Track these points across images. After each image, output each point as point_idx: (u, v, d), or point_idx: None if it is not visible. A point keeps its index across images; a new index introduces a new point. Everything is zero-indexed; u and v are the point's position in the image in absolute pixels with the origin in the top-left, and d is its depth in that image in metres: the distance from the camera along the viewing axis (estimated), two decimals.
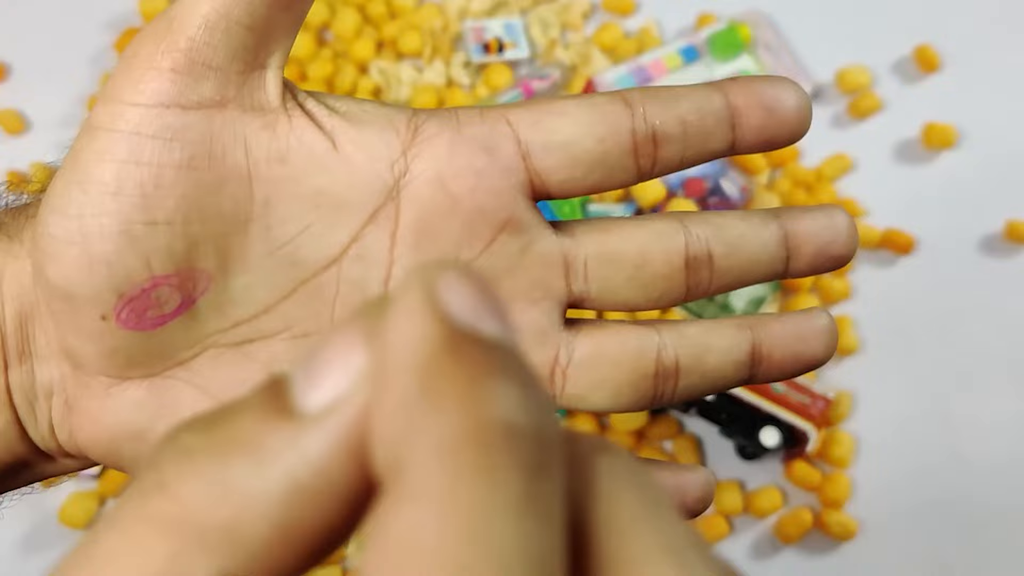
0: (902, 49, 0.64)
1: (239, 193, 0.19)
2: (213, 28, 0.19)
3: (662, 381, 0.21)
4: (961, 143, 0.61)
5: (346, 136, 0.20)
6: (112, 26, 0.67)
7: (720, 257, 0.21)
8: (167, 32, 0.19)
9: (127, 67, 0.19)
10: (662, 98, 0.21)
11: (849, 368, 0.55)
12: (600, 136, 0.20)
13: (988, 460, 0.52)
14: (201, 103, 0.19)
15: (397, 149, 0.20)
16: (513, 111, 0.20)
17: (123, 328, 0.19)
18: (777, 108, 0.21)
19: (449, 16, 0.65)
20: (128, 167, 0.18)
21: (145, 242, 0.19)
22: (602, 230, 0.21)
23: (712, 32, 0.63)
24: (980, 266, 0.57)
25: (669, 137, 0.20)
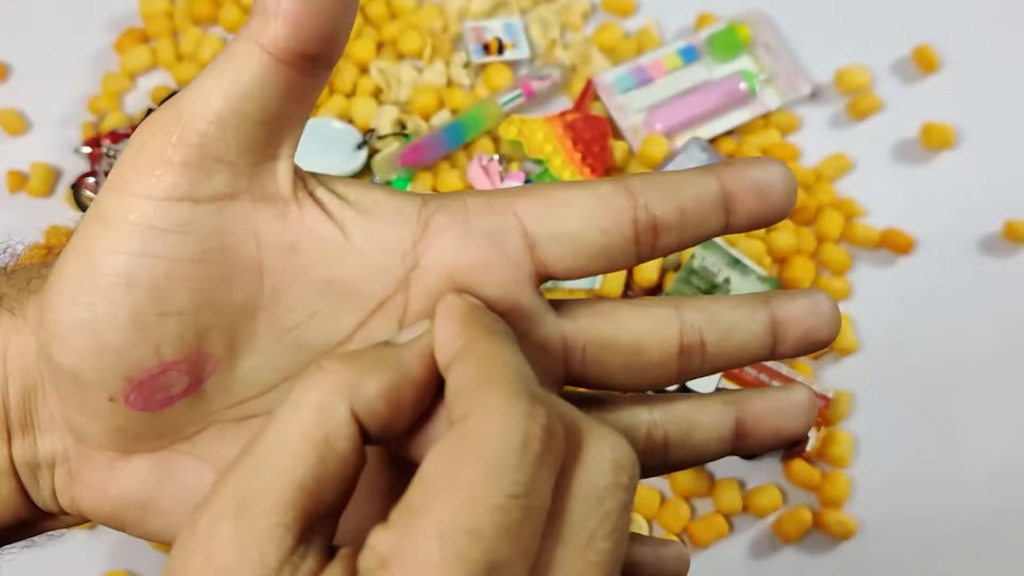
0: (901, 49, 0.64)
1: (250, 284, 0.20)
2: (226, 123, 0.19)
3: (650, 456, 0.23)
4: (960, 143, 0.61)
5: (357, 227, 0.20)
6: (112, 26, 0.67)
7: (712, 344, 0.22)
8: (178, 125, 0.19)
9: (137, 158, 0.19)
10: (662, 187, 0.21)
11: (848, 368, 0.55)
12: (604, 228, 0.21)
13: (987, 459, 0.53)
14: (213, 196, 0.19)
15: (408, 242, 0.20)
16: (521, 201, 0.21)
17: (130, 410, 0.19)
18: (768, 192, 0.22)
19: (449, 16, 0.65)
20: (140, 260, 0.19)
21: (156, 331, 0.19)
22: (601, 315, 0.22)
23: (712, 32, 0.63)
24: (979, 266, 0.58)
25: (669, 225, 0.21)
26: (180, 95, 0.19)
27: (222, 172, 0.19)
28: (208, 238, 0.19)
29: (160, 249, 0.19)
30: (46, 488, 0.21)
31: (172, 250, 0.19)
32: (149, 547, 0.52)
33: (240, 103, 0.19)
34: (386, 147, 0.60)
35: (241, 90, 0.19)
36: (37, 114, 0.65)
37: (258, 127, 0.19)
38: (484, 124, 0.60)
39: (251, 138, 0.19)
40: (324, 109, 0.62)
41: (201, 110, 0.19)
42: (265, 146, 0.20)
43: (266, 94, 0.19)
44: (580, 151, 0.58)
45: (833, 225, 0.57)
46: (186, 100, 0.19)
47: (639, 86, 0.62)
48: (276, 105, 0.19)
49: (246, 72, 0.19)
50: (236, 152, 0.19)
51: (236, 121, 0.19)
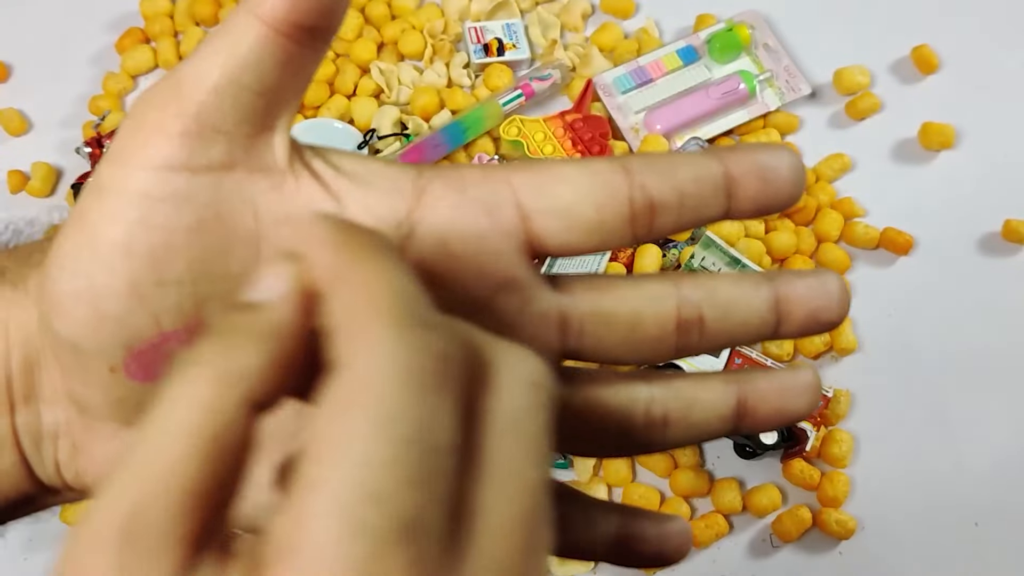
0: (900, 50, 0.64)
1: (247, 254, 0.20)
2: (223, 94, 0.19)
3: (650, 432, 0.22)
4: (959, 143, 0.61)
5: (352, 198, 0.20)
6: (113, 26, 0.67)
7: (711, 320, 0.22)
8: (176, 96, 0.19)
9: (135, 130, 0.19)
10: (661, 167, 0.21)
11: (848, 367, 0.55)
12: (599, 204, 0.21)
13: (986, 459, 0.53)
14: (210, 166, 0.19)
15: (402, 211, 0.20)
16: (516, 174, 0.21)
17: (131, 380, 0.19)
18: (773, 178, 0.21)
19: (449, 17, 0.65)
20: (139, 229, 0.19)
21: (154, 301, 0.19)
22: (598, 289, 0.22)
23: (711, 33, 0.63)
24: (979, 266, 0.58)
25: (666, 206, 0.21)
26: (178, 67, 0.19)
27: (219, 143, 0.19)
28: (205, 208, 0.19)
29: (158, 219, 0.19)
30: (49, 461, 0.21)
31: (170, 220, 0.19)
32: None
33: (237, 74, 0.19)
34: (387, 147, 0.60)
35: (238, 61, 0.19)
36: (38, 114, 0.65)
37: (255, 98, 0.19)
38: (484, 124, 0.60)
39: (248, 109, 0.19)
40: (325, 110, 0.62)
41: (199, 81, 0.19)
42: (262, 117, 0.20)
43: (263, 66, 0.19)
44: (580, 151, 0.58)
45: (832, 225, 0.58)
46: (184, 72, 0.19)
47: (639, 86, 0.62)
48: (273, 77, 0.19)
49: (243, 44, 0.19)
50: (233, 123, 0.19)
51: (233, 92, 0.19)
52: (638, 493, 0.52)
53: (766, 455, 0.52)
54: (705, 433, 0.22)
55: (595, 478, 0.53)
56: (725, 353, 0.51)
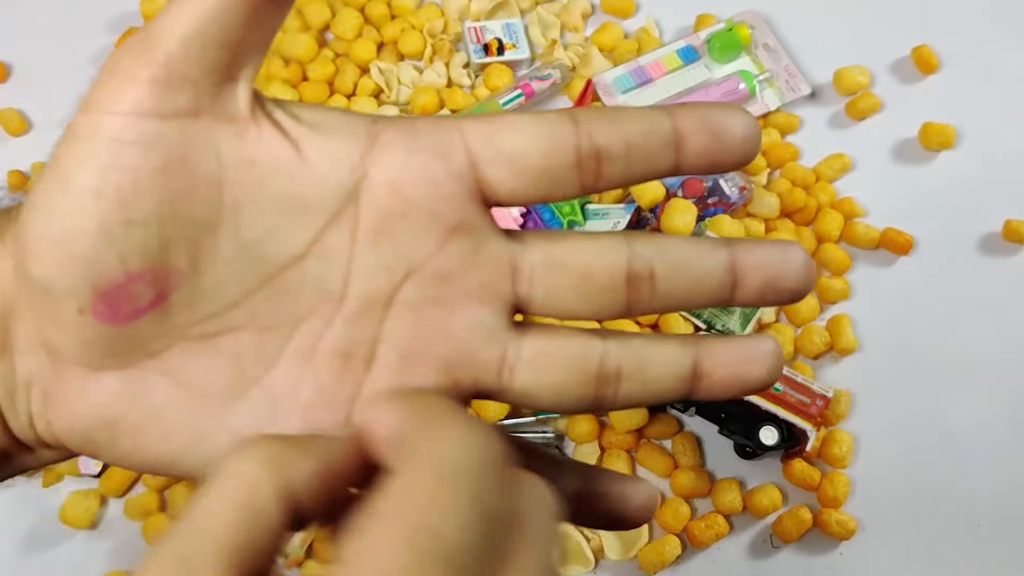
0: (900, 50, 0.64)
1: (210, 197, 0.21)
2: (189, 44, 0.20)
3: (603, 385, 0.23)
4: (959, 143, 0.61)
5: (310, 143, 0.21)
6: (113, 27, 0.67)
7: (662, 277, 0.22)
8: (145, 47, 0.20)
9: (107, 78, 0.20)
10: (609, 119, 0.22)
11: (848, 367, 0.55)
12: (546, 150, 0.22)
13: (987, 459, 0.53)
14: (177, 113, 0.20)
15: (356, 155, 0.22)
16: (467, 123, 0.22)
17: (99, 321, 0.21)
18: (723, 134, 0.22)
19: (449, 17, 0.65)
20: (108, 171, 0.20)
21: (121, 240, 0.20)
22: (551, 240, 0.23)
23: (711, 33, 0.63)
24: (979, 266, 0.58)
25: (613, 156, 0.22)
26: (149, 23, 0.21)
27: (186, 91, 0.20)
28: (171, 151, 0.20)
29: (126, 161, 0.20)
30: (23, 412, 0.22)
31: (137, 162, 0.20)
32: (149, 548, 0.52)
33: (203, 26, 0.20)
34: None
35: (204, 16, 0.20)
36: (37, 114, 0.65)
37: (220, 50, 0.21)
38: None
39: (214, 60, 0.21)
40: None
41: (167, 33, 0.20)
42: (227, 68, 0.21)
43: (227, 20, 0.20)
44: None
45: (833, 225, 0.57)
46: (154, 25, 0.20)
47: (639, 86, 0.62)
48: (237, 31, 0.21)
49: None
50: (199, 72, 0.20)
51: (200, 43, 0.20)
52: None
53: (766, 455, 0.52)
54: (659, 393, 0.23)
55: None
56: None
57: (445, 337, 0.22)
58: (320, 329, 0.22)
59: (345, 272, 0.22)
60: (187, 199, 0.20)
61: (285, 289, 0.22)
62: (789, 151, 0.60)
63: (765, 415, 0.50)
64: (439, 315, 0.22)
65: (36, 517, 0.53)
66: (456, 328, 0.22)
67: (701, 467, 0.53)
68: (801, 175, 0.59)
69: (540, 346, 0.23)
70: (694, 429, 0.54)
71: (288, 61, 0.63)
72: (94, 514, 0.53)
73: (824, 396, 0.51)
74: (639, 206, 0.56)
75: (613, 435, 0.53)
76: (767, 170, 0.60)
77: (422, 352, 0.22)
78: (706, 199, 0.57)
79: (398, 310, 0.22)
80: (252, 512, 0.18)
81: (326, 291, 0.22)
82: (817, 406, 0.51)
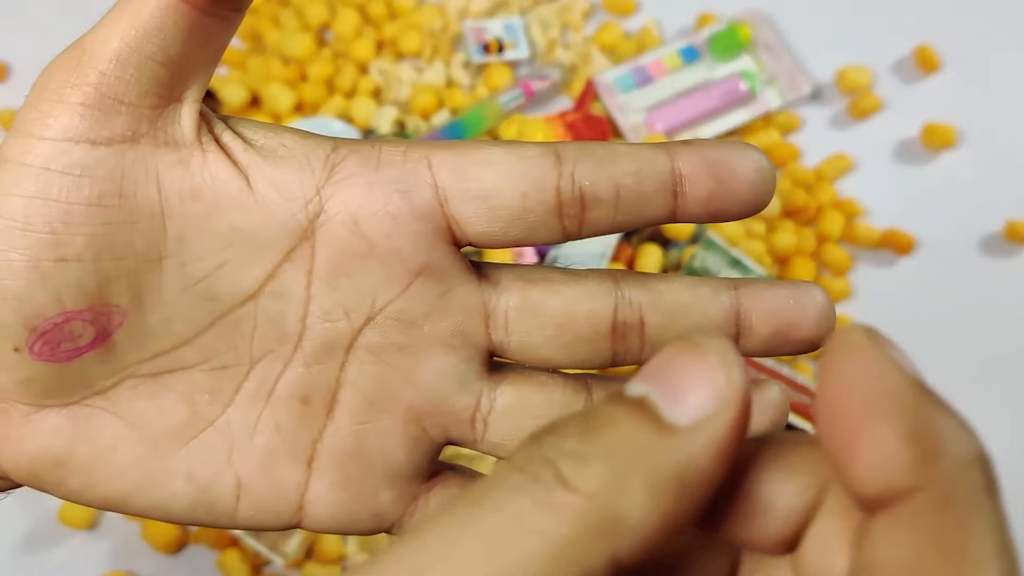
0: (902, 49, 0.64)
1: (151, 230, 0.19)
2: (125, 63, 0.18)
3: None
4: (961, 143, 0.61)
5: (260, 173, 0.20)
6: None
7: (654, 326, 0.20)
8: (77, 65, 0.18)
9: (37, 99, 0.19)
10: (597, 157, 0.20)
11: None
12: (522, 191, 0.19)
13: None
14: (112, 139, 0.19)
15: (312, 188, 0.20)
16: (438, 153, 0.20)
17: (37, 360, 0.19)
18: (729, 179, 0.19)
19: (449, 16, 0.65)
20: (36, 203, 0.18)
21: (55, 278, 0.18)
22: (528, 281, 0.21)
23: (712, 32, 0.63)
24: (980, 266, 0.57)
25: (599, 200, 0.19)
26: (83, 35, 0.19)
27: (122, 114, 0.19)
28: (106, 181, 0.19)
29: (56, 192, 0.18)
30: None
31: (68, 193, 0.18)
32: (149, 547, 0.52)
33: (139, 43, 0.18)
34: None
35: (140, 30, 0.18)
36: None
37: (159, 68, 0.19)
38: (484, 124, 0.60)
39: (152, 80, 0.19)
40: (324, 109, 0.62)
41: (100, 49, 0.18)
42: (168, 89, 0.19)
43: (167, 34, 0.18)
44: None
45: (834, 225, 0.57)
46: (87, 40, 0.19)
47: (639, 86, 0.62)
48: (178, 47, 0.19)
49: (145, 10, 0.18)
50: (137, 94, 0.19)
51: (136, 61, 0.18)
52: None
53: None
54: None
55: None
56: None
57: (412, 385, 0.20)
58: (278, 370, 0.20)
59: (302, 312, 0.20)
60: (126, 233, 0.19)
61: (238, 328, 0.20)
62: (790, 151, 0.60)
63: None
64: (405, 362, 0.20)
65: (35, 517, 0.53)
66: (424, 376, 0.20)
67: None
68: (802, 175, 0.59)
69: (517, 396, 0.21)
70: None
71: (287, 61, 0.63)
72: (93, 514, 0.53)
73: None
74: None
75: None
76: None
77: (388, 399, 0.20)
78: None
79: (360, 355, 0.20)
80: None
81: (282, 331, 0.20)
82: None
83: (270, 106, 0.61)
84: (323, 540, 0.51)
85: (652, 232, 0.56)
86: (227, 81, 0.63)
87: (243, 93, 0.62)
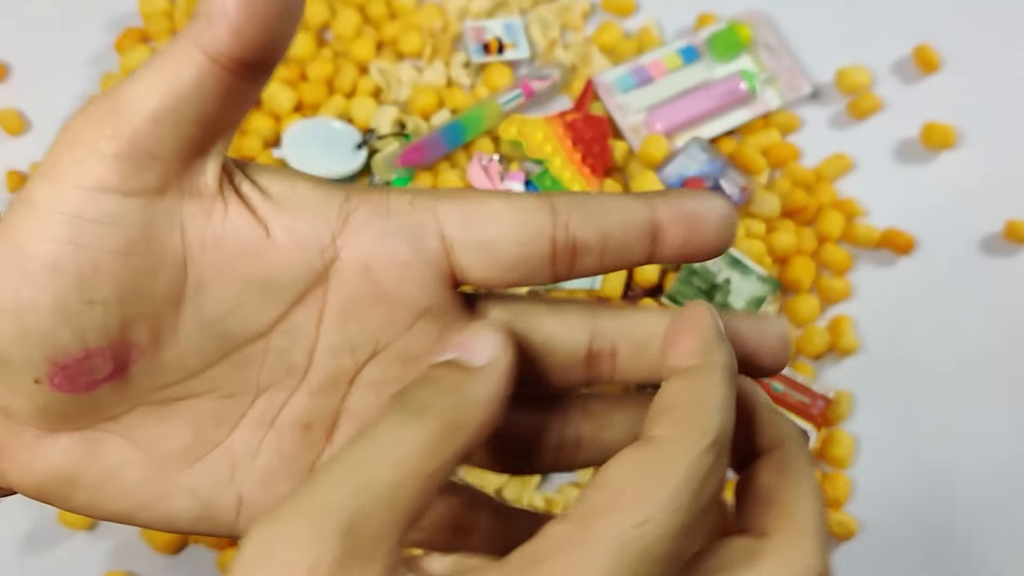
0: (902, 49, 0.64)
1: (174, 277, 0.20)
2: (161, 121, 0.19)
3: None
4: (961, 143, 0.61)
5: (279, 223, 0.21)
6: (112, 26, 0.67)
7: (625, 356, 0.23)
8: (112, 118, 0.19)
9: (70, 147, 0.19)
10: (589, 209, 0.22)
11: (848, 368, 0.55)
12: (521, 240, 0.22)
13: (988, 460, 0.52)
14: (142, 191, 0.19)
15: (327, 236, 0.21)
16: (443, 204, 0.22)
17: (55, 391, 0.20)
18: (698, 225, 0.22)
19: (449, 16, 0.65)
20: (67, 249, 0.19)
21: (80, 319, 0.19)
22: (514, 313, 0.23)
23: (712, 32, 0.63)
24: (980, 266, 0.58)
25: (589, 248, 0.22)
26: (117, 89, 0.20)
27: (153, 168, 0.19)
28: (134, 230, 0.19)
29: (87, 239, 0.19)
30: None
31: (98, 241, 0.19)
32: (149, 547, 0.52)
33: (177, 103, 0.19)
34: (386, 147, 0.60)
35: (179, 91, 0.19)
36: (37, 114, 0.65)
37: (193, 127, 0.20)
38: (484, 124, 0.60)
39: (185, 137, 0.20)
40: (324, 109, 0.62)
41: (137, 106, 0.19)
42: (198, 145, 0.20)
43: (204, 97, 0.19)
44: (580, 151, 0.58)
45: (834, 225, 0.57)
46: (123, 95, 0.19)
47: (639, 86, 0.62)
48: (213, 108, 0.20)
49: (185, 74, 0.19)
50: (169, 150, 0.20)
51: (172, 120, 0.19)
52: None
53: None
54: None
55: None
56: None
57: None
58: (282, 399, 0.22)
59: (310, 349, 0.22)
60: (149, 279, 0.20)
61: (247, 361, 0.22)
62: (790, 151, 0.60)
63: None
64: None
65: (36, 517, 0.53)
66: None
67: None
68: (802, 175, 0.59)
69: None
70: None
71: (287, 60, 0.63)
72: None
73: (824, 397, 0.51)
74: None
75: None
76: (768, 170, 0.59)
77: None
78: None
79: (361, 387, 0.22)
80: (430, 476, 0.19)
81: (289, 365, 0.22)
82: (818, 407, 0.51)
83: (270, 106, 0.61)
84: None
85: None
86: None
87: None
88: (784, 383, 0.51)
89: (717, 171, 0.57)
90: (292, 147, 0.59)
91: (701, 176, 0.57)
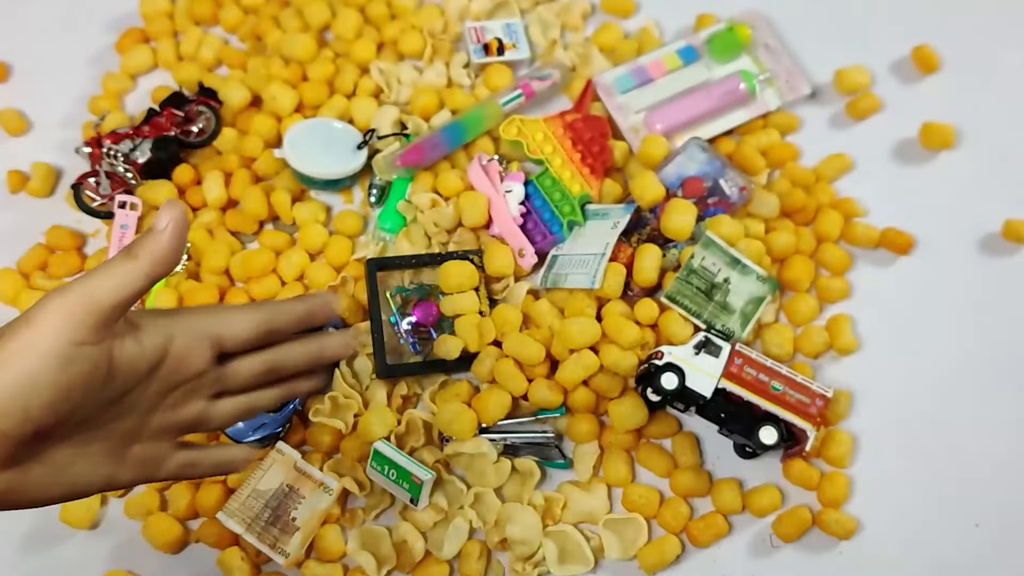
0: (901, 50, 0.64)
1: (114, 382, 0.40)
2: (119, 308, 0.39)
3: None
4: (960, 143, 0.61)
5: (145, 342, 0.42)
6: (113, 27, 0.67)
7: None
8: (88, 302, 0.38)
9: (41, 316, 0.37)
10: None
11: (848, 367, 0.55)
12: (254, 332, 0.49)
13: (987, 459, 0.53)
14: (103, 340, 0.39)
15: (163, 345, 0.43)
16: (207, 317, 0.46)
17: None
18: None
19: (449, 17, 0.65)
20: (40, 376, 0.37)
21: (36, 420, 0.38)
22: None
23: (711, 33, 0.63)
24: (979, 266, 0.58)
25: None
26: (90, 280, 0.38)
27: (111, 330, 0.39)
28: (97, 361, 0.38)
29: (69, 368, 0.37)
30: None
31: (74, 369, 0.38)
32: (150, 547, 0.52)
33: (128, 298, 0.39)
34: (386, 147, 0.60)
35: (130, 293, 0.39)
36: (37, 114, 0.65)
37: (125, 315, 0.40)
38: (484, 124, 0.60)
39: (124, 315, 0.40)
40: (325, 109, 0.62)
41: (105, 297, 0.38)
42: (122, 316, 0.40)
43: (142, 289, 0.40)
44: (580, 151, 0.58)
45: (833, 225, 0.57)
46: (93, 286, 0.38)
47: (639, 86, 0.62)
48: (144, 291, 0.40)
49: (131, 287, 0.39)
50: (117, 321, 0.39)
51: (125, 306, 0.39)
52: (637, 493, 0.52)
53: (766, 455, 0.52)
54: None
55: (595, 478, 0.53)
56: (725, 352, 0.51)
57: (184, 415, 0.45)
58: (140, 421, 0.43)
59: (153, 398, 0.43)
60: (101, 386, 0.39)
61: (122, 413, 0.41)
62: (789, 151, 0.60)
63: (765, 415, 0.50)
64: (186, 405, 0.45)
65: (36, 517, 0.53)
66: (188, 412, 0.45)
67: (701, 467, 0.53)
68: (801, 175, 0.59)
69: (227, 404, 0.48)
70: (694, 429, 0.54)
71: (288, 61, 0.63)
72: (94, 514, 0.53)
73: (824, 396, 0.51)
74: (639, 206, 0.56)
75: (613, 435, 0.53)
76: (767, 170, 0.60)
77: (171, 427, 0.44)
78: (706, 199, 0.57)
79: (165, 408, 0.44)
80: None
81: (141, 411, 0.43)
82: (817, 406, 0.51)
83: (270, 106, 0.61)
84: (324, 539, 0.51)
85: (651, 232, 0.56)
86: (228, 81, 0.63)
87: (244, 93, 0.62)
88: (783, 382, 0.51)
89: (716, 171, 0.57)
90: (293, 147, 0.59)
91: (700, 176, 0.57)
